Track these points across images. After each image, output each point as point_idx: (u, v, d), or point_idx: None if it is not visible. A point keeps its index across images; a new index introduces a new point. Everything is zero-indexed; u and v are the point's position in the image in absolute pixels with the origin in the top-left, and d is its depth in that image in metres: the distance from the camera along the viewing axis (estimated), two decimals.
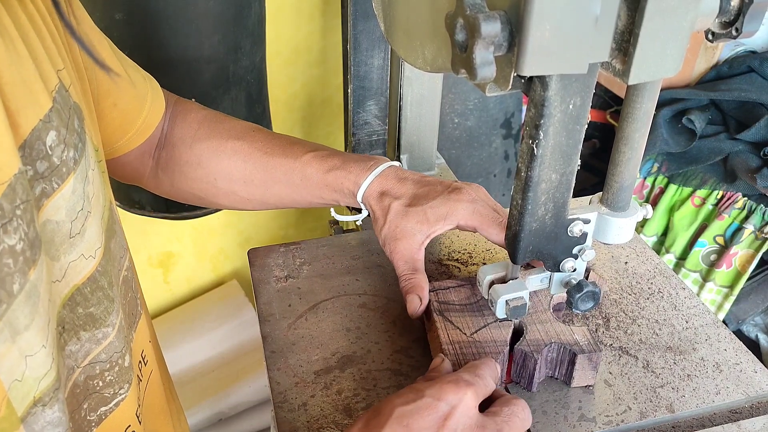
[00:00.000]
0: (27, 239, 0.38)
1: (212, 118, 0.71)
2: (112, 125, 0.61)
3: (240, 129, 0.71)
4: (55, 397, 0.40)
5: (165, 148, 0.70)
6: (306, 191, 0.69)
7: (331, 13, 1.42)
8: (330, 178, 0.67)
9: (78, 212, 0.44)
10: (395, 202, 0.65)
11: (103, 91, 0.58)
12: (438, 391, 0.47)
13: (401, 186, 0.66)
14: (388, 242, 0.65)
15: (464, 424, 0.46)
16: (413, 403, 0.46)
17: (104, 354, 0.47)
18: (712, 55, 1.36)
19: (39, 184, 0.41)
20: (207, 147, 0.69)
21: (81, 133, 0.46)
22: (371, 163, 0.68)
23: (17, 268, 0.37)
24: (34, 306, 0.38)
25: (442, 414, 0.46)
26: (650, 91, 0.48)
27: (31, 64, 0.42)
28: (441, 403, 0.46)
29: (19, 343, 0.37)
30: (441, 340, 0.60)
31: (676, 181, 1.38)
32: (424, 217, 0.64)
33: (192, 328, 1.58)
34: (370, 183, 0.66)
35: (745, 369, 0.64)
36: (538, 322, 0.60)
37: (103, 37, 0.59)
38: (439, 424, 0.45)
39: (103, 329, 0.47)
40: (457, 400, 0.46)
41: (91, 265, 0.46)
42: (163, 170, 0.71)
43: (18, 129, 0.39)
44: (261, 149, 0.69)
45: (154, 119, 0.66)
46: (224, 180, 0.70)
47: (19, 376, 0.37)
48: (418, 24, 0.47)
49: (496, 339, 0.59)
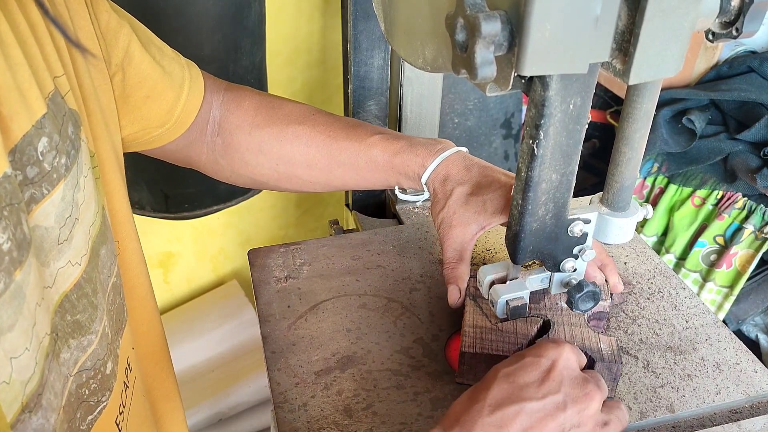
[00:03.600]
0: (14, 239, 0.37)
1: (269, 104, 0.71)
2: (148, 116, 0.61)
3: (300, 113, 0.71)
4: (39, 403, 0.40)
5: (221, 135, 0.70)
6: (370, 173, 0.70)
7: (331, 13, 1.42)
8: (397, 160, 0.68)
9: (66, 219, 0.44)
10: (458, 188, 0.65)
11: (133, 84, 0.58)
12: (538, 350, 0.50)
13: (467, 173, 0.66)
14: (443, 227, 0.66)
15: (567, 376, 0.49)
16: (516, 363, 0.49)
17: (89, 362, 0.47)
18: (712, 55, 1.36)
19: (28, 189, 0.41)
20: (267, 133, 0.69)
21: (75, 140, 0.46)
22: (439, 146, 0.68)
23: (2, 268, 0.36)
24: (18, 307, 0.38)
25: (545, 368, 0.49)
26: (650, 91, 0.48)
27: (26, 70, 0.42)
28: (542, 359, 0.49)
29: (3, 343, 0.37)
30: (464, 322, 0.61)
31: (676, 181, 1.38)
32: (483, 208, 0.63)
33: (192, 328, 1.57)
34: (437, 166, 0.67)
35: (745, 369, 0.64)
36: (567, 323, 0.60)
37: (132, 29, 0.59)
38: (543, 376, 0.48)
39: (87, 336, 0.47)
40: (557, 354, 0.49)
41: (77, 271, 0.45)
42: (222, 157, 0.71)
43: (9, 133, 0.39)
44: (324, 133, 0.69)
45: (194, 107, 0.66)
46: (286, 165, 0.70)
47: (7, 378, 0.37)
48: (419, 24, 0.47)
49: (519, 332, 0.60)
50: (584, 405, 0.48)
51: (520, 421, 0.46)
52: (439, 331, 0.67)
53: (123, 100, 0.59)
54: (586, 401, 0.48)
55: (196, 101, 0.66)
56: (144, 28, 0.62)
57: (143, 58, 0.59)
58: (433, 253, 0.78)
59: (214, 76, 0.70)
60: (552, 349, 0.50)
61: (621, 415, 0.51)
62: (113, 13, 0.57)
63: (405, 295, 0.72)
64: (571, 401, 0.47)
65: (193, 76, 0.66)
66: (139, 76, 0.59)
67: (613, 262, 0.68)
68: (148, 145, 0.65)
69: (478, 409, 0.47)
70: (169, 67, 0.62)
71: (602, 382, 0.51)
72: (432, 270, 0.75)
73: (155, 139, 0.64)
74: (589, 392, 0.48)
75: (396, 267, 0.76)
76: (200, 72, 0.67)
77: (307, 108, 0.72)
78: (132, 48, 0.58)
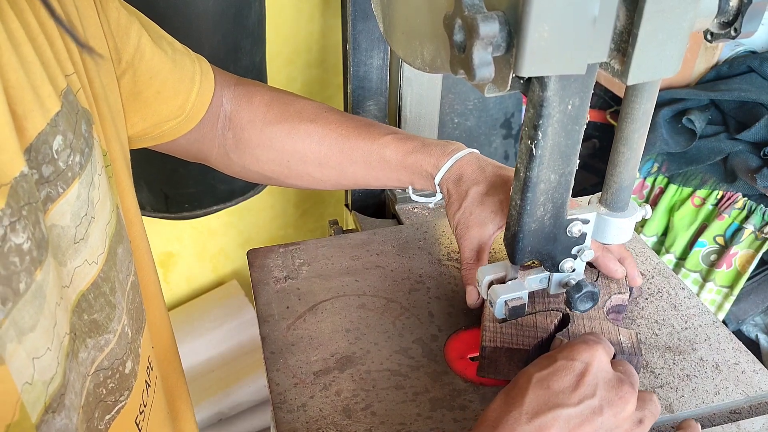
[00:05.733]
0: (34, 239, 0.37)
1: (281, 100, 0.71)
2: (159, 112, 0.61)
3: (312, 110, 0.71)
4: (62, 403, 0.40)
5: (231, 130, 0.70)
6: (382, 172, 0.70)
7: (331, 13, 1.42)
8: (410, 160, 0.68)
9: (82, 217, 0.44)
10: (474, 188, 0.65)
11: (145, 80, 0.58)
12: (570, 352, 0.49)
13: (481, 173, 0.66)
14: (459, 228, 0.66)
15: (602, 378, 0.48)
16: (549, 367, 0.49)
17: (107, 361, 0.47)
18: (712, 55, 1.36)
19: (44, 188, 0.41)
20: (279, 130, 0.69)
21: (88, 138, 0.46)
22: (452, 147, 0.68)
23: (23, 267, 0.36)
24: (39, 307, 0.38)
25: (579, 371, 0.48)
26: (649, 91, 0.48)
27: (39, 68, 0.41)
28: (575, 362, 0.49)
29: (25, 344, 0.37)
30: (483, 317, 0.61)
31: (676, 181, 1.38)
32: (499, 207, 0.64)
33: (192, 328, 1.57)
34: (451, 167, 0.67)
35: (745, 369, 0.64)
36: (586, 316, 0.61)
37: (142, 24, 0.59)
38: (577, 380, 0.48)
39: (105, 336, 0.46)
40: (590, 357, 0.49)
41: (94, 270, 0.45)
42: (233, 152, 0.71)
43: (24, 132, 0.39)
44: (336, 131, 0.69)
45: (205, 101, 0.66)
46: (298, 162, 0.70)
47: (29, 378, 0.37)
48: (417, 24, 0.47)
49: (539, 325, 0.60)
50: (620, 407, 0.48)
51: (558, 427, 0.46)
52: (438, 332, 0.67)
53: (134, 96, 0.59)
54: (621, 404, 0.48)
55: (207, 95, 0.66)
56: (153, 23, 0.62)
57: (154, 54, 0.59)
58: (433, 254, 0.78)
59: (224, 71, 0.70)
60: (585, 351, 0.49)
61: (653, 408, 0.51)
62: (123, 10, 0.57)
63: (404, 295, 0.72)
64: (608, 404, 0.47)
65: (204, 70, 0.66)
66: (150, 72, 0.59)
67: (632, 255, 0.68)
68: (159, 139, 0.65)
69: (516, 417, 0.46)
70: (180, 62, 0.62)
71: (635, 376, 0.51)
72: (431, 270, 0.75)
73: (166, 133, 0.64)
74: (624, 395, 0.48)
75: (395, 267, 0.76)
76: (210, 66, 0.67)
77: (320, 105, 0.72)
78: (143, 43, 0.58)
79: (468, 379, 0.63)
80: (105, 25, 0.54)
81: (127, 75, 0.57)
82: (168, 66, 0.61)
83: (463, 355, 0.65)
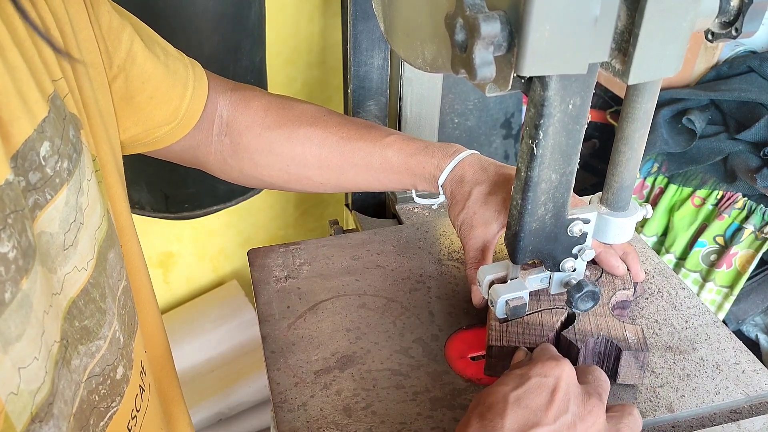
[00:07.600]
0: (20, 247, 0.37)
1: (279, 104, 0.71)
2: (152, 117, 0.61)
3: (312, 114, 0.70)
4: (50, 413, 0.39)
5: (228, 136, 0.69)
6: (384, 175, 0.70)
7: (331, 13, 1.42)
8: (412, 162, 0.68)
9: (71, 224, 0.43)
10: (477, 188, 0.65)
11: (137, 84, 0.58)
12: (542, 369, 0.50)
13: (483, 173, 0.66)
14: (463, 228, 0.66)
15: (573, 393, 0.49)
16: (524, 385, 0.49)
17: (98, 367, 0.46)
18: (712, 55, 1.36)
19: (32, 195, 0.40)
20: (278, 134, 0.69)
21: (76, 143, 0.45)
22: (453, 149, 0.68)
23: (9, 277, 0.36)
24: (25, 316, 0.37)
25: (551, 388, 0.49)
26: (650, 91, 0.48)
27: (26, 73, 0.41)
28: (548, 378, 0.49)
29: (10, 354, 0.36)
30: (489, 316, 0.61)
31: (676, 181, 1.38)
32: (503, 206, 0.64)
33: (192, 328, 1.58)
34: (453, 168, 0.67)
35: (745, 369, 0.64)
36: (591, 313, 0.61)
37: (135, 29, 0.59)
38: (550, 397, 0.48)
39: (96, 342, 0.46)
40: (560, 371, 0.50)
41: (83, 277, 0.45)
42: (231, 157, 0.70)
43: (10, 139, 0.39)
44: (336, 134, 0.69)
45: (198, 107, 0.65)
46: (298, 166, 0.70)
47: (15, 389, 0.36)
48: (418, 24, 0.47)
49: (544, 324, 0.61)
50: (591, 421, 0.48)
51: None
52: (439, 331, 0.68)
53: (126, 101, 0.59)
54: (591, 418, 0.48)
55: (201, 101, 0.65)
56: (147, 27, 0.62)
57: (146, 58, 0.59)
58: (433, 253, 0.78)
59: (220, 76, 0.70)
60: (555, 367, 0.50)
61: (632, 423, 0.50)
62: (115, 14, 0.56)
63: (404, 295, 0.72)
64: (579, 420, 0.48)
65: (197, 75, 0.65)
66: (142, 77, 0.59)
67: (635, 251, 0.68)
68: (153, 146, 0.64)
69: None
70: (173, 67, 0.62)
71: (605, 383, 0.52)
72: (432, 270, 0.75)
73: (159, 139, 0.64)
74: (592, 409, 0.48)
75: (395, 267, 0.76)
76: (204, 71, 0.67)
77: (319, 109, 0.72)
78: (135, 48, 0.58)
79: (468, 378, 0.63)
80: (96, 28, 0.53)
81: (119, 79, 0.57)
82: (161, 71, 0.60)
83: (464, 354, 0.65)
